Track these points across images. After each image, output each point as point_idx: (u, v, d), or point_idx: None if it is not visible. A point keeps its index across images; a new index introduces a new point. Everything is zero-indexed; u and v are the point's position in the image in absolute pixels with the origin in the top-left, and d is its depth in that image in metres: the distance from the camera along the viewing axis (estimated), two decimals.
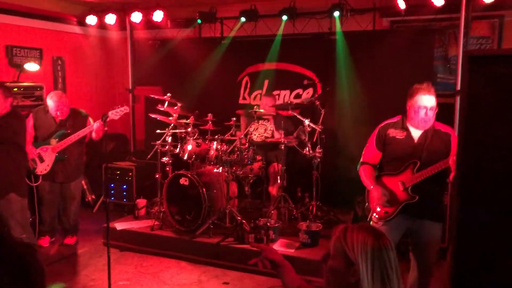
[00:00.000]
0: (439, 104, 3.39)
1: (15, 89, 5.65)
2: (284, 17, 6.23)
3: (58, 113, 5.19)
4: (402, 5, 5.53)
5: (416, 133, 3.42)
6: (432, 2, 5.31)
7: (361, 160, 3.68)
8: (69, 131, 5.20)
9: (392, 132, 3.48)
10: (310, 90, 6.42)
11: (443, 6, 5.34)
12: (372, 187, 3.51)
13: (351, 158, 4.45)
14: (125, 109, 5.05)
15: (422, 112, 3.32)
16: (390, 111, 3.71)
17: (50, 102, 5.18)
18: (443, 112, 3.62)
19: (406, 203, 3.40)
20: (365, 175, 3.59)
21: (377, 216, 3.49)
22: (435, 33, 5.88)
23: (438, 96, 3.36)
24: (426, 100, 3.30)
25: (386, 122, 3.58)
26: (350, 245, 1.59)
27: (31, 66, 6.26)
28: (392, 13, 5.97)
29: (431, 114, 3.33)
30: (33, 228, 5.38)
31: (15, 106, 5.54)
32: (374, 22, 6.10)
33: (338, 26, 6.10)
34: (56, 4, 6.80)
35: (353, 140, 5.72)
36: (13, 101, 4.65)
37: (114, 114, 5.00)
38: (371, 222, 3.57)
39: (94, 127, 5.15)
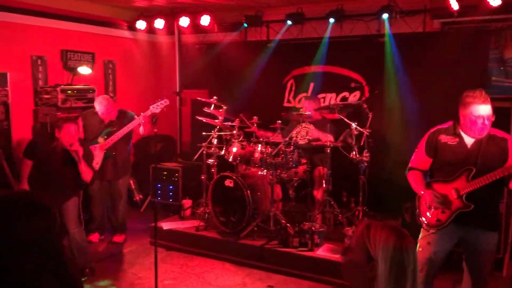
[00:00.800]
0: (493, 108, 3.24)
1: (69, 92, 5.87)
2: (331, 20, 6.16)
3: (106, 116, 5.36)
4: (455, 6, 5.35)
5: (469, 140, 3.28)
6: (488, 2, 5.10)
7: (410, 165, 3.56)
8: (115, 129, 5.34)
9: (444, 138, 3.35)
10: (357, 93, 6.31)
11: (500, 6, 5.12)
12: (423, 192, 3.39)
13: (399, 163, 4.34)
14: (165, 101, 5.24)
15: (479, 122, 3.17)
16: (441, 116, 3.60)
17: (99, 106, 5.36)
18: (498, 117, 3.46)
19: (460, 212, 3.26)
20: (415, 180, 3.47)
21: (428, 223, 3.38)
22: (491, 35, 5.64)
23: (493, 100, 3.20)
24: (482, 110, 3.15)
25: (436, 127, 3.45)
26: (373, 241, 1.63)
27: (84, 70, 6.50)
28: (444, 14, 5.79)
29: (489, 123, 3.19)
30: (84, 226, 5.60)
31: (69, 108, 5.79)
32: (425, 24, 5.93)
33: (387, 28, 5.97)
34: (107, 9, 7.03)
35: (402, 144, 5.58)
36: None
37: (155, 107, 5.22)
38: (421, 230, 3.46)
39: (138, 121, 5.29)
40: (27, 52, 5.95)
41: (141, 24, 7.25)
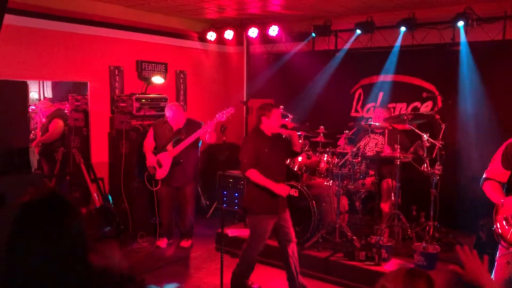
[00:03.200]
0: None
1: (143, 100, 6.15)
2: (403, 28, 6.00)
3: (174, 122, 5.55)
4: None
5: None
6: None
7: (485, 175, 3.37)
8: (183, 137, 5.52)
9: None
10: (430, 104, 6.09)
11: None
12: (503, 200, 3.18)
13: (474, 177, 4.11)
14: (230, 110, 5.37)
15: None
16: None
17: (169, 112, 5.58)
18: None
19: None
20: (493, 189, 3.28)
21: (508, 240, 3.16)
22: None
23: None
24: None
25: None
26: (387, 276, 1.76)
27: (157, 79, 6.79)
28: None
29: None
30: (154, 230, 5.82)
31: (143, 115, 6.06)
32: (505, 31, 5.61)
33: (462, 36, 5.72)
34: (180, 21, 7.31)
35: (477, 158, 5.30)
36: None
37: (221, 115, 5.42)
38: (499, 247, 3.26)
39: (206, 128, 5.46)
40: (106, 62, 6.31)
41: (211, 35, 7.47)
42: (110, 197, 5.78)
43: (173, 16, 7.09)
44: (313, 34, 6.77)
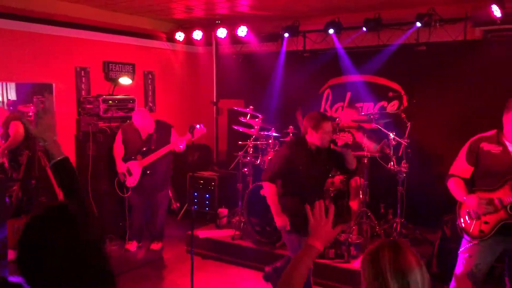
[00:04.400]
0: None
1: (110, 102, 6.06)
2: (367, 29, 6.11)
3: (144, 129, 5.53)
4: (497, 13, 5.20)
5: None
6: None
7: (450, 173, 3.48)
8: (153, 147, 5.48)
9: (486, 146, 3.29)
10: (396, 103, 6.23)
11: None
12: (465, 198, 3.28)
13: (439, 174, 4.23)
14: (202, 130, 5.43)
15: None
16: (483, 126, 3.53)
17: (137, 119, 5.53)
18: None
19: (504, 223, 3.15)
20: (456, 186, 3.38)
21: (470, 234, 3.28)
22: None
23: None
24: None
25: (479, 135, 3.39)
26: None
27: (125, 80, 6.69)
28: (486, 22, 5.61)
29: None
30: (123, 233, 5.74)
31: (110, 117, 5.97)
32: (465, 32, 5.78)
33: (426, 37, 5.87)
34: (147, 22, 7.23)
35: (442, 155, 5.44)
36: None
37: (195, 133, 5.42)
38: (463, 241, 3.36)
39: (172, 147, 5.48)
40: (72, 63, 6.19)
41: (179, 36, 7.42)
42: None
43: (140, 16, 7.00)
44: (286, 34, 6.79)
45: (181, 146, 5.51)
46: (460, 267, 3.39)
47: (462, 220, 3.35)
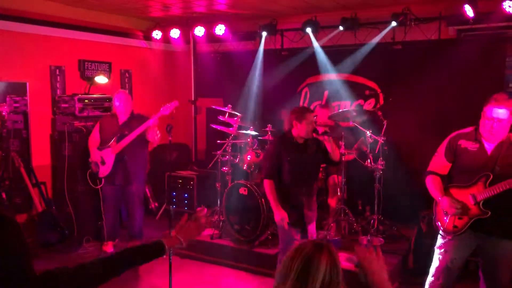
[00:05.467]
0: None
1: (86, 101, 5.97)
2: (344, 28, 6.16)
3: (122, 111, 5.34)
4: (470, 13, 5.31)
5: (489, 146, 3.26)
6: (504, 9, 5.06)
7: (428, 169, 3.53)
8: (126, 132, 5.31)
9: (464, 143, 3.34)
10: (372, 101, 6.31)
11: None
12: (440, 198, 3.34)
13: (415, 171, 4.32)
14: (174, 103, 5.11)
15: (488, 124, 3.19)
16: (457, 123, 3.60)
17: (118, 101, 5.32)
18: None
19: (477, 219, 3.22)
20: (434, 185, 3.43)
21: (445, 229, 3.35)
22: (507, 41, 5.59)
23: None
24: (495, 112, 3.15)
25: (457, 132, 3.44)
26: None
27: (101, 79, 6.60)
28: (459, 21, 5.74)
29: (498, 127, 3.16)
30: (100, 235, 5.66)
31: (86, 116, 5.87)
32: (440, 31, 5.90)
33: (401, 36, 5.96)
34: (124, 20, 7.15)
35: (418, 152, 5.55)
36: None
37: (165, 109, 5.10)
38: (439, 236, 3.43)
39: (149, 123, 5.16)
40: (46, 62, 6.08)
41: (157, 34, 7.35)
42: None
43: (116, 14, 6.92)
44: (264, 33, 6.79)
45: (151, 133, 5.31)
46: (436, 262, 3.45)
47: (438, 216, 3.42)
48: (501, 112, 3.13)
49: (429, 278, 3.50)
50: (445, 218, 3.35)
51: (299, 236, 4.05)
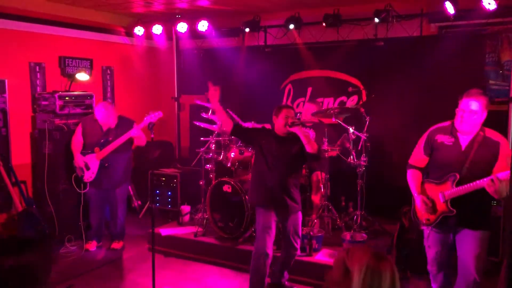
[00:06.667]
0: (491, 111, 3.35)
1: (67, 98, 5.88)
2: (327, 24, 6.16)
3: (105, 123, 5.36)
4: (451, 10, 5.36)
5: (464, 140, 3.39)
6: (484, 7, 5.11)
7: (409, 162, 3.70)
8: (110, 138, 5.35)
9: (441, 138, 3.47)
10: (355, 98, 6.33)
11: (496, 10, 5.13)
12: (416, 195, 3.55)
13: (397, 167, 4.34)
14: (158, 114, 5.09)
15: (459, 115, 3.34)
16: (438, 119, 3.68)
17: (98, 113, 5.36)
18: (496, 119, 3.48)
19: (445, 216, 3.41)
20: (413, 180, 3.63)
21: (420, 221, 3.58)
22: (486, 38, 5.66)
23: (491, 103, 3.29)
24: (467, 104, 3.30)
25: (436, 126, 3.58)
26: (350, 256, 1.69)
27: (82, 76, 6.50)
28: (441, 18, 5.80)
29: (469, 118, 3.29)
30: (81, 233, 5.59)
31: (67, 114, 5.80)
32: (422, 28, 5.94)
33: (383, 33, 5.99)
34: (105, 16, 7.04)
35: (400, 148, 5.56)
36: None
37: (148, 118, 5.05)
38: (423, 232, 3.64)
39: (132, 134, 5.27)
40: (25, 59, 5.96)
41: (139, 30, 7.27)
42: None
43: (97, 10, 6.82)
44: (247, 29, 6.76)
45: (142, 139, 5.40)
46: (428, 256, 3.66)
47: (415, 209, 3.63)
48: (473, 104, 3.27)
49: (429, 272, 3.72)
50: (420, 211, 3.56)
51: (274, 224, 4.17)
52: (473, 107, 3.27)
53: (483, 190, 3.18)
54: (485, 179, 3.14)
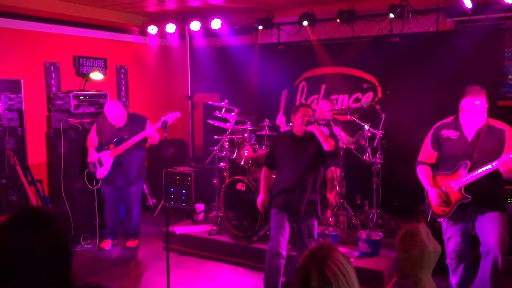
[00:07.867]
0: (508, 108, 3.40)
1: (82, 97, 5.91)
2: (341, 20, 6.10)
3: (115, 122, 5.38)
4: (468, 4, 5.25)
5: (469, 133, 3.53)
6: (502, 0, 5.00)
7: (418, 159, 3.83)
8: (126, 136, 5.36)
9: (446, 133, 3.64)
10: (370, 94, 6.25)
11: None
12: (429, 189, 3.64)
13: (414, 164, 4.27)
14: (176, 114, 5.11)
15: (467, 115, 3.47)
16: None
17: (107, 111, 5.38)
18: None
19: (461, 203, 3.49)
20: (424, 175, 3.75)
21: (436, 213, 3.66)
22: (506, 32, 5.53)
23: (508, 98, 3.33)
24: (472, 104, 3.43)
25: (440, 122, 3.75)
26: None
27: (96, 75, 6.53)
28: (458, 13, 5.69)
29: (477, 117, 3.44)
30: (96, 232, 5.63)
31: (81, 113, 5.83)
32: (438, 23, 5.84)
33: (399, 28, 5.90)
34: (119, 15, 7.07)
35: (416, 145, 5.46)
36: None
37: (166, 118, 5.05)
38: (442, 225, 3.74)
39: (146, 133, 5.31)
40: (40, 59, 6.02)
41: (152, 29, 7.29)
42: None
43: (112, 9, 6.85)
44: (260, 27, 6.72)
45: (155, 138, 5.43)
46: (447, 249, 3.68)
47: (429, 201, 3.71)
48: (477, 103, 3.42)
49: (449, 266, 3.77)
50: (434, 203, 3.65)
51: (287, 225, 4.12)
52: (479, 106, 3.41)
53: (495, 175, 3.32)
54: (498, 160, 3.26)
